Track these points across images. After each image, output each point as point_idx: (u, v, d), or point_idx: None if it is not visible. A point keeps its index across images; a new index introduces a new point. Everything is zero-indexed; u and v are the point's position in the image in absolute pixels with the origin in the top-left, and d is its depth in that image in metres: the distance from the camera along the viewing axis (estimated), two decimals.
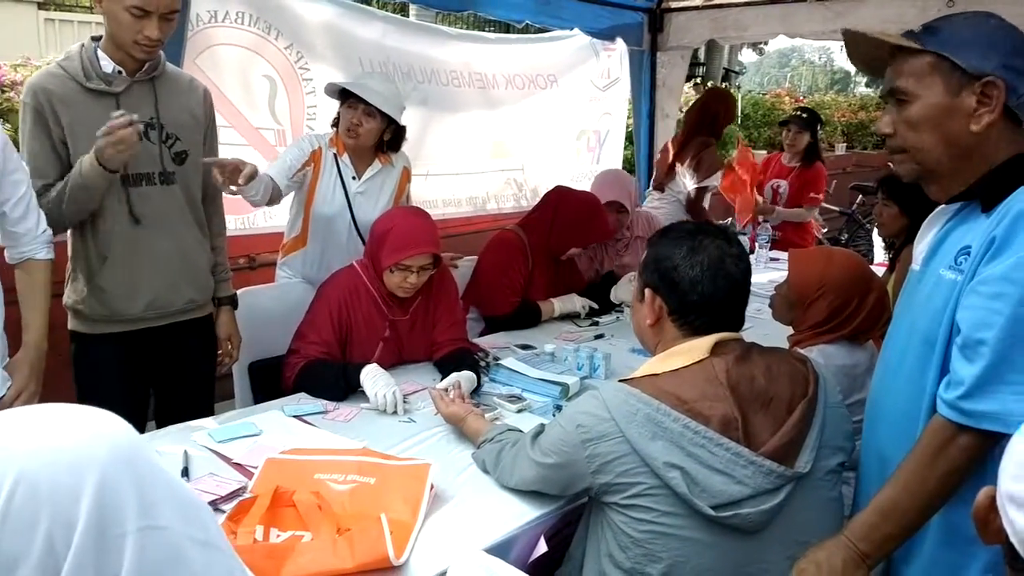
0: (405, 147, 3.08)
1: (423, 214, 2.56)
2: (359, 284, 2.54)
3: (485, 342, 2.89)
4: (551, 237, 3.19)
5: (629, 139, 5.78)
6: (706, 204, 4.64)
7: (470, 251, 3.44)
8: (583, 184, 5.36)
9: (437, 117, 4.47)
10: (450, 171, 4.70)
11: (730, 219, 5.81)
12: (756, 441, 1.44)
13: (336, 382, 2.31)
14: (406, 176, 3.11)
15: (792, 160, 5.00)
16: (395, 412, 2.21)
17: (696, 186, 4.51)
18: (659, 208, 4.82)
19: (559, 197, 3.23)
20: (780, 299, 2.35)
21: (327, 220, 2.97)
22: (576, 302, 3.26)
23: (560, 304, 3.25)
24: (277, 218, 3.70)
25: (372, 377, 2.28)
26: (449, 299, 2.69)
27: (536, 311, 3.20)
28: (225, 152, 2.65)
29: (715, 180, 4.53)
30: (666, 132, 5.34)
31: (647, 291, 1.61)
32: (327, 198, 2.94)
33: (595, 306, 3.28)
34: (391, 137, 2.93)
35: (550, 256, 3.26)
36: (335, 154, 2.91)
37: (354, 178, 2.96)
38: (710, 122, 4.54)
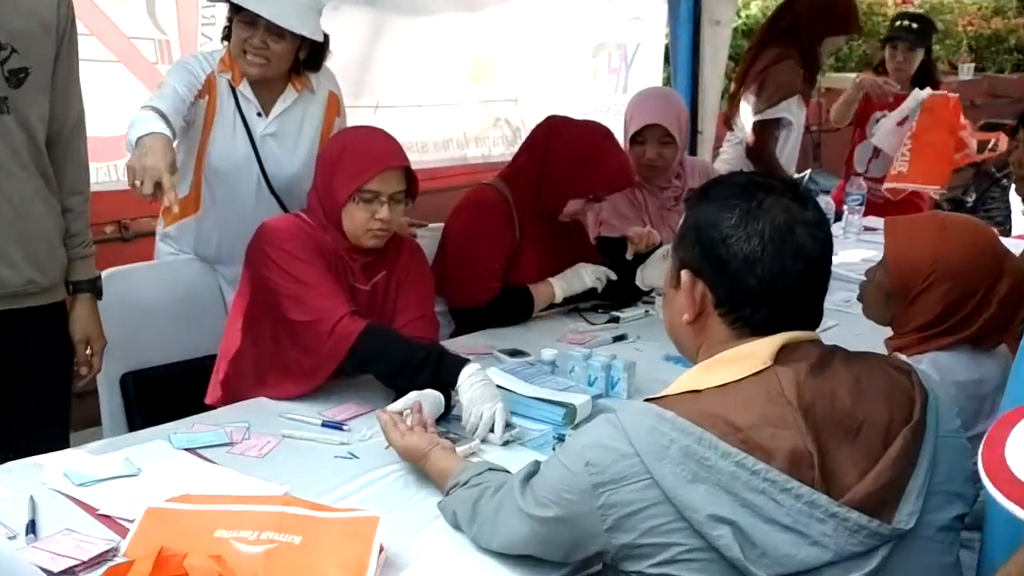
0: (344, 69, 3.10)
1: (381, 130, 2.67)
2: (314, 233, 2.59)
3: (460, 346, 2.90)
4: (542, 188, 3.22)
5: (667, 57, 5.79)
6: (784, 147, 4.66)
7: (439, 215, 3.46)
8: (609, 121, 5.37)
9: (391, 24, 4.47)
10: (410, 102, 4.69)
11: (808, 172, 5.83)
12: (839, 485, 1.45)
13: (420, 367, 2.38)
14: (334, 106, 3.12)
15: (899, 88, 5.02)
16: (482, 439, 2.27)
17: (757, 118, 4.53)
18: (723, 157, 4.86)
19: (550, 129, 3.26)
20: (874, 288, 2.36)
21: (226, 176, 2.99)
22: (586, 275, 3.27)
23: (562, 285, 3.25)
24: None
25: (475, 382, 2.34)
26: (418, 284, 2.74)
27: (526, 299, 3.21)
28: (88, 72, 2.64)
29: (787, 110, 4.55)
30: (716, 46, 5.36)
31: (684, 274, 1.61)
32: (225, 146, 2.96)
33: (611, 275, 3.28)
34: (308, 54, 2.95)
35: (544, 216, 3.28)
36: (230, 82, 2.93)
37: (260, 115, 2.98)
38: (788, 27, 4.56)
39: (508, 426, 2.32)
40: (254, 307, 2.60)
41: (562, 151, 3.19)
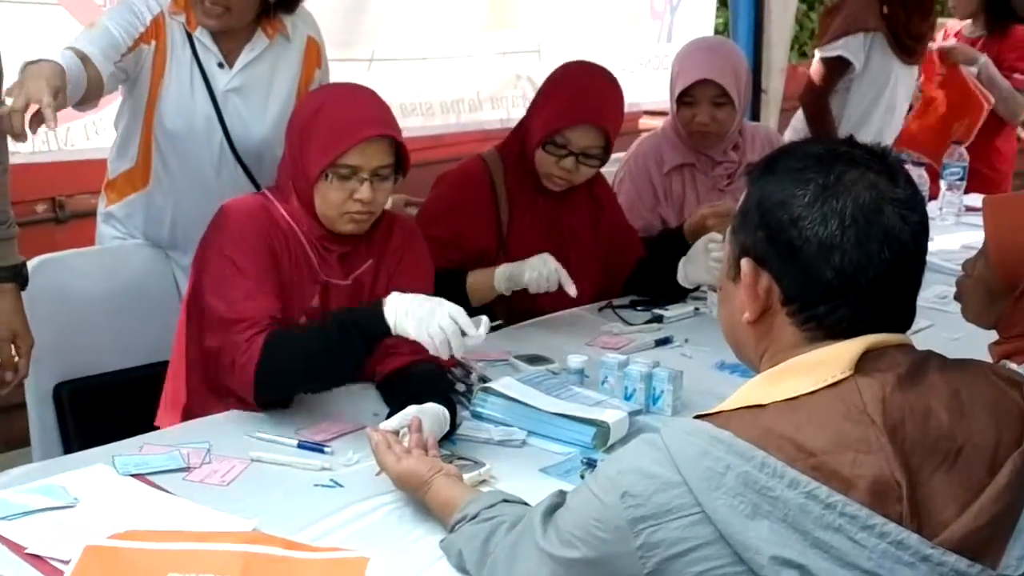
0: (331, 13, 3.11)
1: (366, 90, 2.65)
2: (276, 218, 2.59)
3: (468, 352, 2.89)
4: (526, 143, 3.22)
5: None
6: (850, 103, 4.67)
7: None
8: (649, 78, 5.33)
9: None
10: (412, 54, 4.70)
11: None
12: (933, 521, 1.44)
13: (343, 339, 2.38)
14: (313, 55, 3.12)
15: (973, 29, 5.04)
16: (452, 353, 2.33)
17: (821, 55, 4.54)
18: (794, 124, 4.89)
19: (548, 78, 3.31)
20: (974, 284, 2.34)
21: (182, 141, 2.99)
22: (527, 269, 3.02)
23: (509, 272, 3.06)
24: (103, 136, 3.72)
25: (410, 308, 2.35)
26: (416, 274, 2.73)
27: (455, 283, 3.07)
28: (23, 16, 2.65)
29: (851, 50, 4.56)
30: None
31: (745, 263, 1.60)
32: (179, 104, 2.96)
33: (565, 285, 3.04)
34: None
35: (540, 188, 3.27)
36: (184, 27, 2.93)
37: (222, 66, 2.98)
38: None
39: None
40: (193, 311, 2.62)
41: (546, 88, 3.25)
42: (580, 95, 3.16)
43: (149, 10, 2.88)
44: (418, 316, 2.33)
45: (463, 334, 2.31)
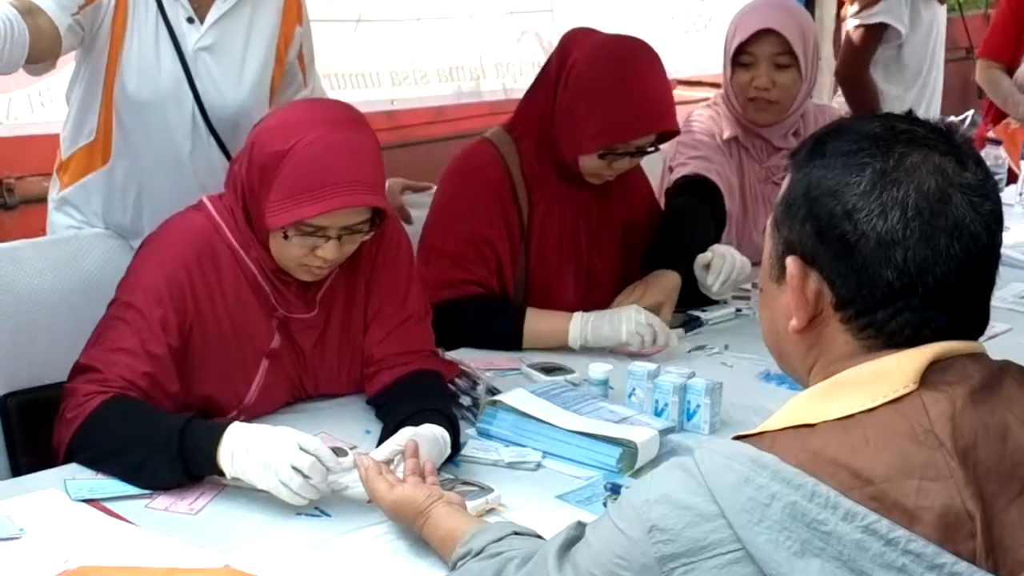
0: None
1: (353, 122, 2.53)
2: (218, 244, 2.55)
3: (471, 359, 2.92)
4: (553, 133, 3.18)
5: None
6: (894, 70, 4.69)
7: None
8: (681, 39, 5.32)
9: None
10: (405, 14, 4.70)
11: (970, 113, 5.83)
12: (1012, 559, 1.44)
13: (159, 455, 2.28)
14: (294, 9, 3.12)
15: None
16: (311, 497, 2.21)
17: (857, 22, 4.55)
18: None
19: (566, 47, 3.23)
20: None
21: (147, 108, 2.99)
22: (624, 323, 3.01)
23: (585, 328, 3.06)
24: (50, 108, 3.72)
25: (249, 446, 2.24)
26: (396, 276, 2.71)
27: (510, 321, 3.09)
28: None
29: (892, 14, 4.58)
30: None
31: (792, 262, 1.59)
32: (144, 65, 2.95)
33: (662, 333, 3.05)
34: None
35: (566, 177, 3.25)
36: None
37: (191, 21, 2.98)
38: None
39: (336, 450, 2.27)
40: None
41: (573, 78, 3.15)
42: (645, 104, 3.13)
43: None
44: (262, 458, 2.20)
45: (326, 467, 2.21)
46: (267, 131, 2.50)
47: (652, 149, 3.20)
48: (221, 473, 2.26)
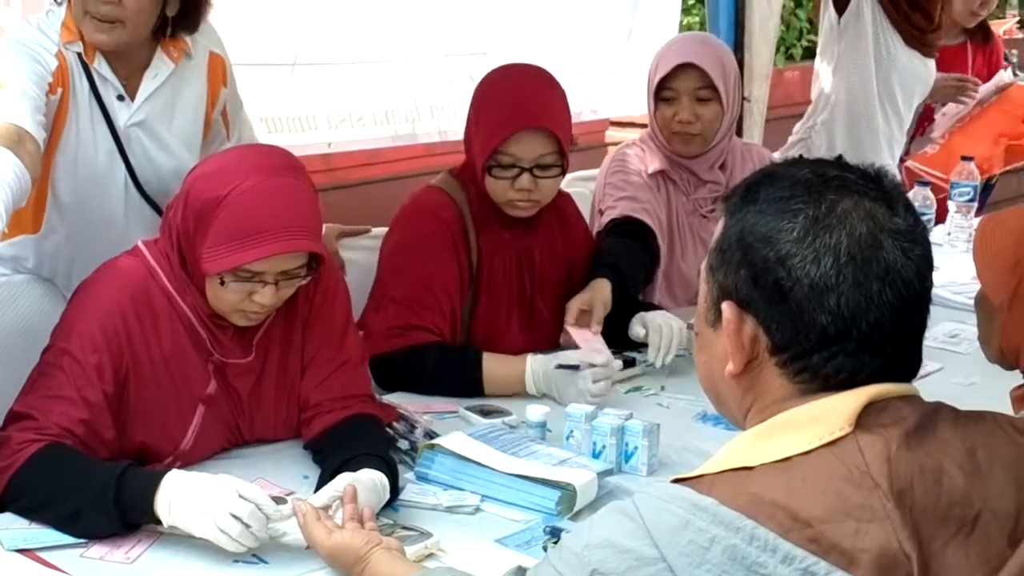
0: (245, 10, 3.08)
1: (289, 168, 2.52)
2: (153, 289, 2.54)
3: (408, 402, 2.91)
4: (474, 173, 3.18)
5: None
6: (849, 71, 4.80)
7: (383, 216, 3.44)
8: (611, 81, 5.35)
9: None
10: (341, 58, 4.69)
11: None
12: None
13: (95, 505, 2.26)
14: (218, 72, 3.13)
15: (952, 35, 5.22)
16: (250, 545, 2.19)
17: None
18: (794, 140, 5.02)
19: (476, 92, 3.29)
20: (983, 316, 2.36)
21: (84, 184, 2.99)
22: (581, 381, 2.96)
23: (539, 367, 3.05)
24: None
25: (188, 494, 2.22)
26: (332, 319, 2.70)
27: (468, 366, 3.07)
28: None
29: None
30: None
31: (727, 307, 1.59)
32: (82, 145, 2.95)
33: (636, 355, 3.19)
34: (180, 8, 2.94)
35: (506, 221, 3.25)
36: (81, 57, 2.91)
37: (122, 98, 2.98)
38: None
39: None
40: None
41: (486, 94, 3.22)
42: (513, 100, 3.15)
43: (47, 49, 2.85)
44: (200, 506, 2.18)
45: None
46: (203, 178, 2.49)
47: (557, 169, 3.15)
48: (159, 521, 2.23)
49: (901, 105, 5.09)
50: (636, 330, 3.22)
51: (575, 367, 2.96)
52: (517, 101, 3.14)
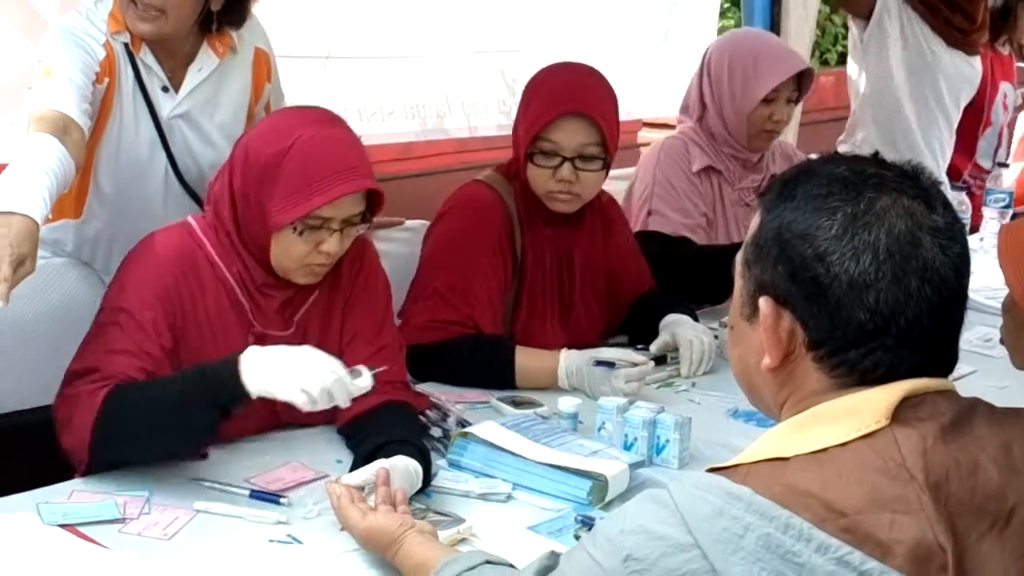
0: (280, 6, 3.10)
1: (337, 120, 2.62)
2: (199, 258, 2.58)
3: (442, 392, 2.92)
4: (518, 148, 3.20)
5: None
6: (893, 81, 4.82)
7: (416, 209, 3.46)
8: (645, 82, 5.35)
9: None
10: (373, 52, 4.70)
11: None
12: None
13: (189, 403, 2.34)
14: (263, 67, 3.17)
15: None
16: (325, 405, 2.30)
17: None
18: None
19: (526, 85, 3.32)
20: (1011, 322, 2.37)
21: (125, 172, 3.03)
22: (616, 378, 2.96)
23: (573, 362, 3.05)
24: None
25: (271, 361, 2.31)
26: (374, 302, 2.74)
27: (501, 356, 3.10)
28: None
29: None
30: None
31: (764, 303, 1.59)
32: (125, 135, 2.99)
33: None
34: (225, 3, 2.97)
35: (546, 218, 3.28)
36: (128, 47, 2.95)
37: (167, 90, 3.02)
38: None
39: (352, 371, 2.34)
40: None
41: (535, 85, 3.25)
42: (559, 87, 3.18)
43: (95, 39, 2.88)
44: (283, 371, 2.29)
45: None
46: (259, 136, 2.58)
47: (600, 162, 3.15)
48: (246, 396, 2.31)
49: (950, 107, 5.09)
50: (662, 341, 3.25)
51: (611, 364, 2.97)
52: (563, 88, 3.17)
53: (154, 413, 2.36)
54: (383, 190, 2.55)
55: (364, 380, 2.32)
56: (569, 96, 3.12)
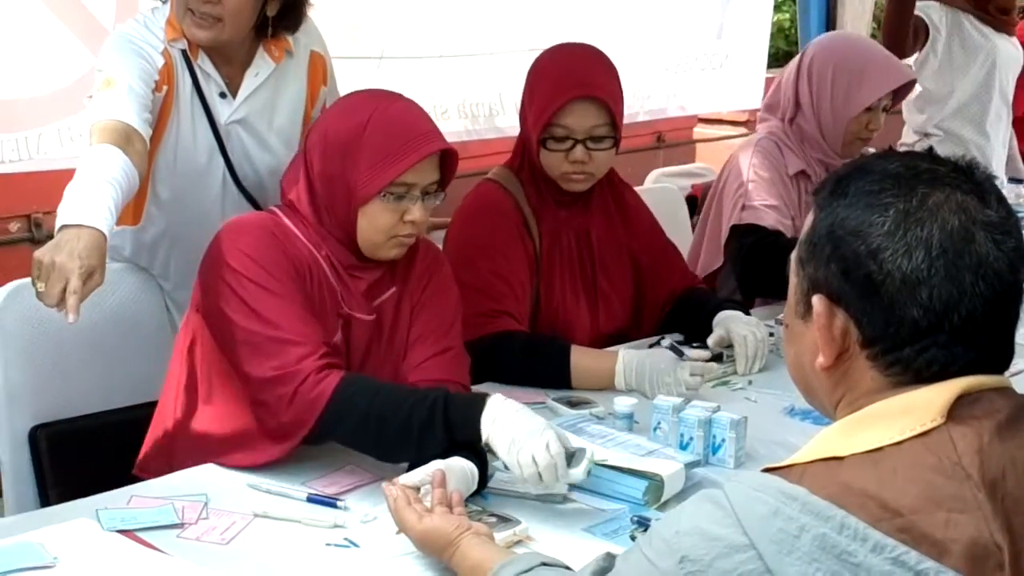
0: (334, 7, 3.11)
1: (400, 95, 2.68)
2: (292, 238, 2.61)
3: (500, 392, 2.89)
4: (528, 150, 3.25)
5: None
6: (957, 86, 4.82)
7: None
8: (698, 78, 5.36)
9: None
10: (427, 52, 4.72)
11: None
12: None
13: (426, 433, 2.38)
14: (318, 71, 3.19)
15: None
16: (552, 494, 2.35)
17: None
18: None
19: (529, 72, 3.35)
20: None
21: (183, 178, 3.06)
22: (681, 372, 2.96)
23: (632, 358, 3.05)
24: (79, 141, 3.72)
25: (506, 418, 2.35)
26: (441, 306, 2.77)
27: (557, 357, 3.10)
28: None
29: (925, 11, 4.68)
30: None
31: (818, 301, 1.60)
32: (183, 141, 3.02)
33: (707, 372, 3.07)
34: (281, 8, 2.99)
35: (563, 200, 3.32)
36: (185, 54, 2.98)
37: (224, 96, 3.05)
38: None
39: (574, 454, 2.33)
40: (203, 344, 2.62)
41: (543, 64, 3.29)
42: (565, 72, 3.21)
43: (154, 47, 2.92)
44: (513, 434, 2.32)
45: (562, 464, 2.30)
46: (334, 117, 2.66)
47: (611, 141, 3.20)
48: (479, 438, 2.36)
49: (1008, 91, 5.12)
50: (717, 336, 3.25)
51: (680, 352, 3.00)
52: (568, 72, 3.21)
53: (391, 419, 2.41)
54: (457, 152, 2.63)
55: (577, 473, 2.32)
56: (576, 81, 3.16)
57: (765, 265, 3.56)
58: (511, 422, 2.33)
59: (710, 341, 3.24)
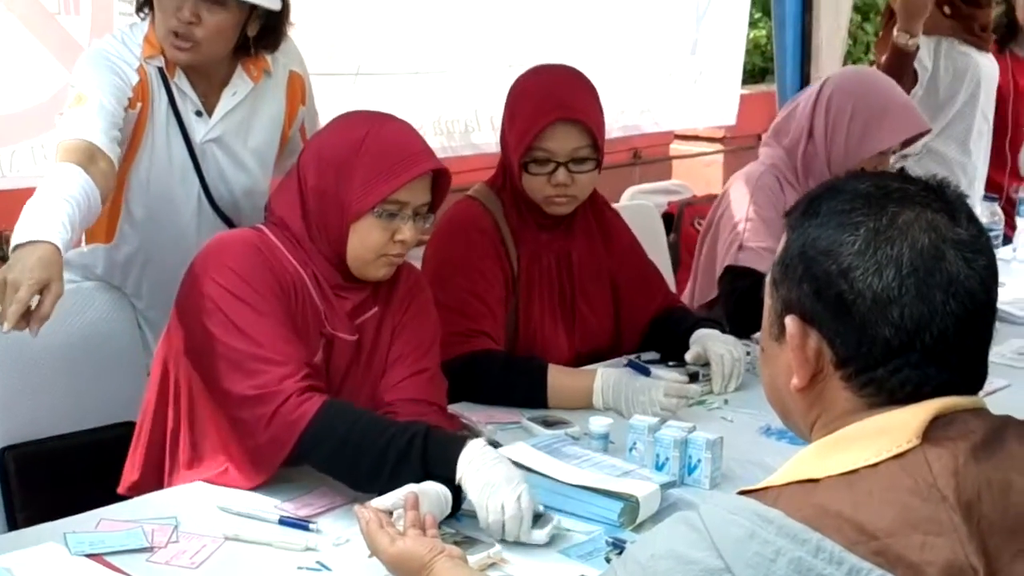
0: (310, 23, 3.10)
1: (399, 119, 2.70)
2: (278, 255, 2.60)
3: (470, 412, 2.92)
4: (509, 173, 3.24)
5: (764, 7, 5.83)
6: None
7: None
8: (675, 92, 5.37)
9: None
10: (403, 68, 4.72)
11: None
12: None
13: (403, 456, 2.37)
14: (297, 91, 3.19)
15: None
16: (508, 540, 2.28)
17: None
18: None
19: (508, 94, 3.34)
20: None
21: (157, 196, 3.05)
22: (655, 393, 2.95)
23: (610, 376, 3.06)
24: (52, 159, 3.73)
25: (482, 463, 2.33)
26: (420, 326, 2.76)
27: (533, 375, 3.09)
28: None
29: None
30: None
31: (791, 321, 1.60)
32: (157, 159, 3.01)
33: (689, 395, 3.05)
34: (262, 28, 2.98)
35: (544, 223, 3.30)
36: (162, 71, 2.97)
37: (200, 115, 3.03)
38: None
39: (541, 516, 2.32)
40: (186, 359, 2.59)
41: (522, 87, 3.28)
42: (545, 95, 3.20)
43: (129, 63, 2.91)
44: (488, 478, 2.30)
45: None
46: (330, 134, 2.69)
47: (593, 163, 3.19)
48: (452, 479, 2.33)
49: (989, 108, 5.20)
50: (695, 352, 3.24)
51: (647, 370, 3.00)
52: (549, 95, 3.20)
53: (370, 447, 2.40)
54: (447, 168, 2.65)
55: (540, 535, 2.30)
56: (556, 103, 3.15)
57: (758, 312, 3.54)
58: (488, 468, 2.32)
59: (688, 357, 3.24)
